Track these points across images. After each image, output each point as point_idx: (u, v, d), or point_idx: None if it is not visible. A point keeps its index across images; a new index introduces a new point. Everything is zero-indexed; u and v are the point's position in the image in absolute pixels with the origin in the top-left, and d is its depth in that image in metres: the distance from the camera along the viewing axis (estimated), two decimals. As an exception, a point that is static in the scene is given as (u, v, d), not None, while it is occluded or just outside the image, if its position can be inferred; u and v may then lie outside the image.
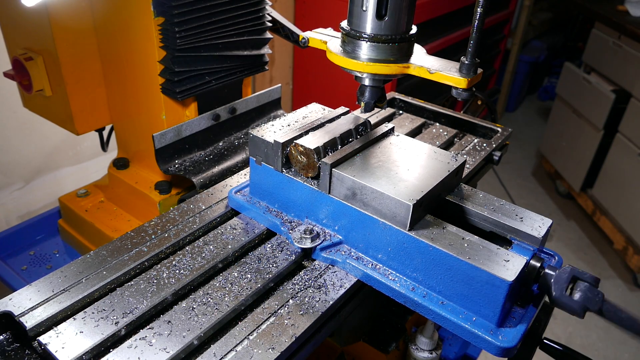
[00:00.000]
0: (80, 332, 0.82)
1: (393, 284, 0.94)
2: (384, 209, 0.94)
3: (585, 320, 3.13)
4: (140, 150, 1.59)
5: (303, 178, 1.04)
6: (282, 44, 3.41)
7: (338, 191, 0.99)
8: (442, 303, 0.90)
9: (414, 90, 3.50)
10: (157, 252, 1.02)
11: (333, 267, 1.00)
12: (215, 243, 1.04)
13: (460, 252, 0.87)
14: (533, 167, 4.69)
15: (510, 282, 0.81)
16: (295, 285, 0.95)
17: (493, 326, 0.86)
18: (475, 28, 0.91)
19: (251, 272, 0.97)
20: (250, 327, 0.86)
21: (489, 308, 0.85)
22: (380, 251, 0.97)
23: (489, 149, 1.40)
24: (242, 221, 1.12)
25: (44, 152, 2.38)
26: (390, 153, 1.05)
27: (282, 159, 1.04)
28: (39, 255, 1.69)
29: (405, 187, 0.94)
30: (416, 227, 0.92)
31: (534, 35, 5.40)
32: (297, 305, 0.91)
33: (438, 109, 1.57)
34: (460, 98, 0.99)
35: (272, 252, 1.03)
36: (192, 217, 1.12)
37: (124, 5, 1.37)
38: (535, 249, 0.95)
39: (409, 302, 0.92)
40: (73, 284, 0.92)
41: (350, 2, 0.99)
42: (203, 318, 0.86)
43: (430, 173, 0.99)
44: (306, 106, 1.21)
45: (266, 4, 1.50)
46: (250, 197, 1.14)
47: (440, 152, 1.07)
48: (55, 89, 1.52)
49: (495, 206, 1.01)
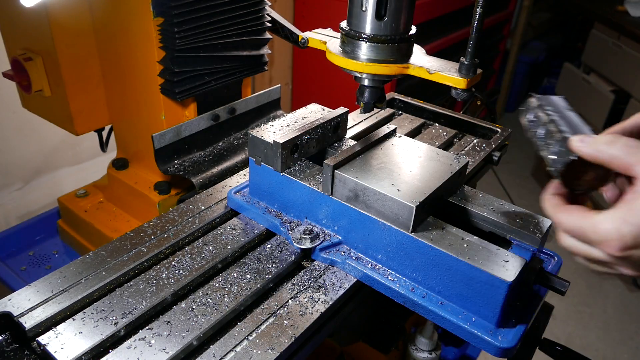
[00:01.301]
0: (79, 332, 0.82)
1: (392, 284, 0.94)
2: (387, 210, 0.93)
3: (585, 321, 3.14)
4: (140, 150, 1.59)
5: (303, 178, 1.04)
6: (281, 45, 3.41)
7: (340, 193, 0.99)
8: (441, 303, 0.90)
9: (414, 91, 3.51)
10: (156, 252, 1.02)
11: (333, 267, 1.01)
12: (215, 243, 1.04)
13: (460, 253, 0.87)
14: (533, 167, 4.70)
15: (510, 282, 0.81)
16: (294, 286, 0.95)
17: (492, 326, 0.86)
18: (474, 28, 0.92)
19: (250, 273, 0.97)
20: (250, 328, 0.86)
21: (488, 308, 0.85)
22: (379, 251, 0.97)
23: (488, 149, 1.40)
24: (242, 221, 1.12)
25: (43, 153, 2.38)
26: (392, 155, 1.06)
27: (281, 159, 1.03)
28: (38, 255, 1.69)
29: (408, 188, 0.94)
30: (417, 228, 0.92)
31: (533, 35, 5.40)
32: (296, 305, 0.91)
33: (437, 109, 1.57)
34: (460, 98, 0.99)
35: (271, 252, 1.03)
36: (192, 218, 1.12)
37: (123, 6, 1.37)
38: (534, 250, 0.95)
39: (408, 302, 0.93)
40: (72, 284, 0.92)
41: (350, 3, 0.99)
42: (202, 318, 0.86)
43: (433, 175, 0.99)
44: (306, 106, 1.21)
45: (265, 4, 1.50)
46: (250, 197, 1.14)
47: (442, 154, 1.07)
48: (55, 90, 1.51)
49: (495, 207, 1.02)
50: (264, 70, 1.59)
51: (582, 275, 3.49)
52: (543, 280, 0.91)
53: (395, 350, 1.31)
